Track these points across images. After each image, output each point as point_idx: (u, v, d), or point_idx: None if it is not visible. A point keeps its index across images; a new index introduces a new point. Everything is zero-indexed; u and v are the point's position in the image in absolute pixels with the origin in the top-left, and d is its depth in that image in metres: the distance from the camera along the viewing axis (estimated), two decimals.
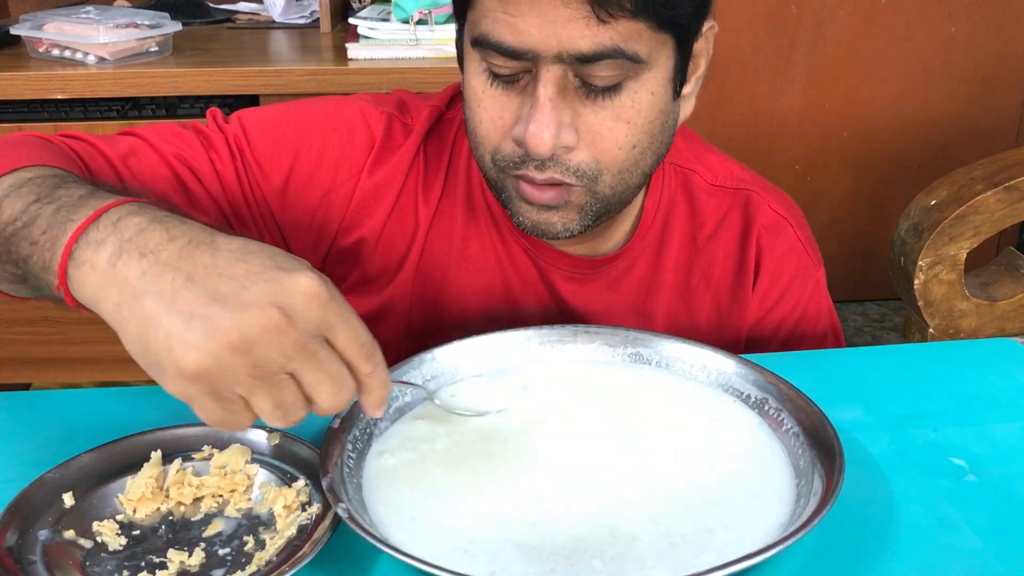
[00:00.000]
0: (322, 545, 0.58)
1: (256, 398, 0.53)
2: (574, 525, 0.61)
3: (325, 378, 0.54)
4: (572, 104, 0.73)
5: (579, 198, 0.77)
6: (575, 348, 0.80)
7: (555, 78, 0.72)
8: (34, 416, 0.77)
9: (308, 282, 0.53)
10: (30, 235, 0.59)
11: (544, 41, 0.70)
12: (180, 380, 0.52)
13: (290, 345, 0.52)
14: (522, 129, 0.73)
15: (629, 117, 0.74)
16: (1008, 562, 0.60)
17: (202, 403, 0.53)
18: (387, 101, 0.93)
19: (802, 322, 0.95)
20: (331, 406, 0.55)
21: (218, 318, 0.51)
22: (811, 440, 0.66)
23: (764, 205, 0.94)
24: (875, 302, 2.86)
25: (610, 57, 0.70)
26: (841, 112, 2.64)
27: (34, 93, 1.67)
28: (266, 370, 0.52)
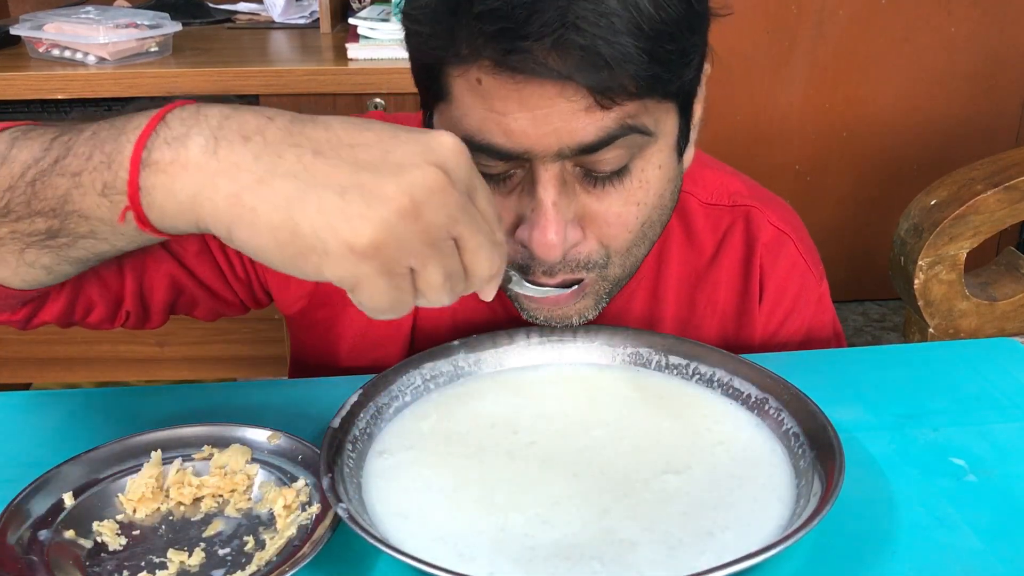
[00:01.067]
0: (322, 545, 0.58)
1: (428, 268, 0.49)
2: (574, 526, 0.61)
3: (485, 240, 0.51)
4: (575, 197, 0.67)
5: (592, 287, 0.72)
6: (575, 348, 0.80)
7: (555, 176, 0.65)
8: (34, 416, 0.77)
9: (451, 139, 0.50)
10: (66, 168, 0.51)
11: (541, 139, 0.62)
12: (350, 259, 0.47)
13: (454, 205, 0.49)
14: (526, 234, 0.67)
15: (638, 199, 0.68)
16: (1008, 562, 0.60)
17: (374, 283, 0.48)
18: None
19: (808, 340, 0.93)
20: (489, 272, 0.52)
21: (378, 184, 0.47)
22: (811, 440, 0.66)
23: (764, 221, 0.89)
24: (875, 302, 2.86)
25: (620, 137, 0.63)
26: (841, 112, 2.64)
27: (34, 93, 1.67)
28: (436, 235, 0.48)
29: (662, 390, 0.76)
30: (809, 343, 0.94)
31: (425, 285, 0.50)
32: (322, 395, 0.76)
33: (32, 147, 0.54)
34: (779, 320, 0.91)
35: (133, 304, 0.80)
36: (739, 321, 0.91)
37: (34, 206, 0.53)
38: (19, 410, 0.78)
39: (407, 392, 0.74)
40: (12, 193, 0.54)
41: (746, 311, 0.91)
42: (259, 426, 0.69)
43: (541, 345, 0.80)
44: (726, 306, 0.91)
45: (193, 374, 1.87)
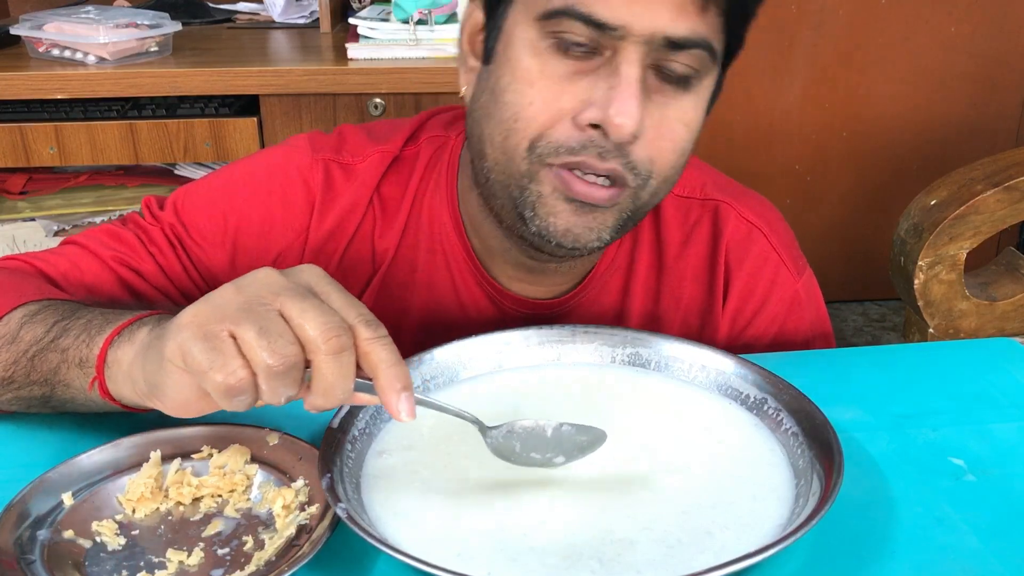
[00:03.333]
0: (321, 545, 0.58)
1: (242, 328, 0.52)
2: (573, 525, 0.61)
3: (311, 308, 0.53)
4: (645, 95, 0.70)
5: (624, 201, 0.73)
6: (574, 348, 0.80)
7: (641, 59, 0.68)
8: (34, 416, 0.77)
9: (308, 265, 0.57)
10: (59, 345, 0.66)
11: (640, 18, 0.66)
12: (174, 333, 0.54)
13: (278, 285, 0.54)
14: (598, 112, 0.68)
15: (688, 119, 0.72)
16: (1008, 562, 0.60)
17: (192, 347, 0.53)
18: (323, 145, 0.88)
19: (779, 339, 0.91)
20: (322, 335, 0.52)
21: (219, 291, 0.56)
22: (810, 440, 0.66)
23: (732, 215, 0.89)
24: (875, 302, 2.86)
25: (699, 47, 0.69)
26: (841, 112, 2.64)
27: (34, 93, 1.67)
28: (254, 302, 0.53)
29: (661, 390, 0.76)
30: (781, 341, 0.91)
31: (242, 342, 0.53)
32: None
33: (36, 329, 0.68)
34: (746, 319, 0.90)
35: None
36: (703, 318, 0.90)
37: (32, 377, 0.67)
38: None
39: None
40: (16, 367, 0.68)
41: (710, 308, 0.90)
42: (259, 426, 0.69)
43: (541, 345, 0.80)
44: (690, 302, 0.90)
45: None
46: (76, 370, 0.64)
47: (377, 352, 0.55)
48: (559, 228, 0.73)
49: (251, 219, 0.86)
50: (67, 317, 0.68)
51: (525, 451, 0.64)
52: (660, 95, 0.70)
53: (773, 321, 0.90)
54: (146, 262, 0.84)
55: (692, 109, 0.72)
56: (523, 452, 0.64)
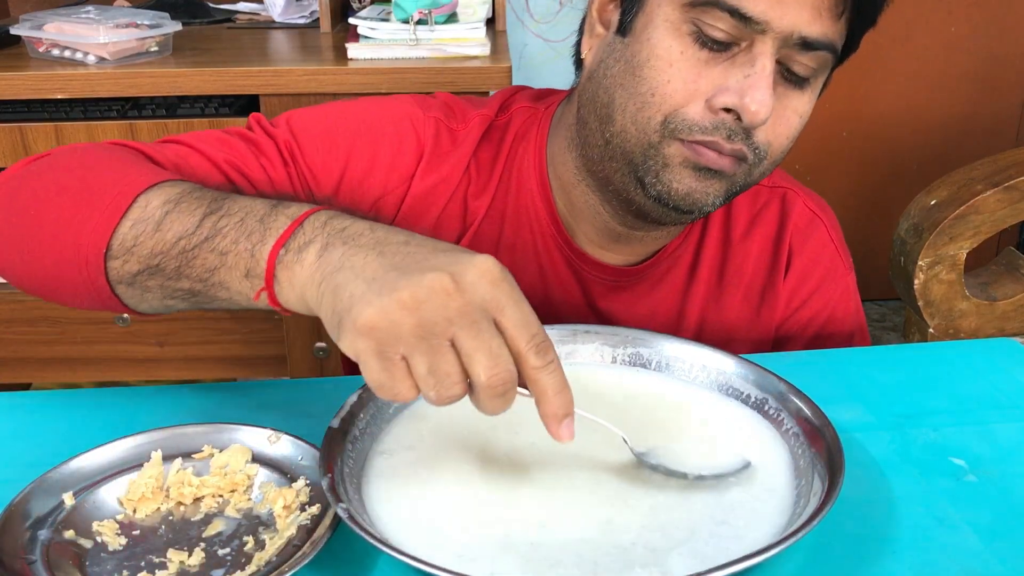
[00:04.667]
0: (322, 545, 0.58)
1: (415, 359, 0.54)
2: (573, 526, 0.61)
3: (482, 347, 0.54)
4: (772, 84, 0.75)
5: (740, 175, 0.79)
6: (575, 348, 0.80)
7: (775, 52, 0.74)
8: (34, 416, 0.77)
9: (484, 260, 0.55)
10: (216, 246, 0.63)
11: (782, 16, 0.72)
12: (353, 335, 0.54)
13: (454, 310, 0.53)
14: (734, 98, 0.74)
15: (803, 112, 0.79)
16: (1008, 562, 0.60)
17: (368, 361, 0.54)
18: (433, 105, 0.92)
19: (829, 322, 0.96)
20: (487, 380, 0.54)
21: (394, 280, 0.54)
22: (811, 440, 0.66)
23: (798, 203, 0.96)
24: (875, 302, 2.86)
25: (826, 50, 0.74)
26: (841, 112, 2.64)
27: (34, 93, 1.67)
28: (428, 331, 0.53)
29: (661, 390, 0.76)
30: (830, 327, 0.96)
31: (416, 373, 0.55)
32: (322, 395, 0.76)
33: (184, 221, 0.65)
34: (802, 298, 0.95)
35: None
36: (763, 295, 0.95)
37: (183, 271, 0.65)
38: (19, 410, 0.78)
39: None
40: (164, 257, 0.65)
41: (771, 285, 0.95)
42: (259, 426, 0.69)
43: None
44: (753, 279, 0.95)
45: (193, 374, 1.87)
46: (240, 278, 0.62)
47: (544, 381, 0.56)
48: (681, 191, 0.79)
49: (362, 156, 0.88)
50: (216, 211, 0.64)
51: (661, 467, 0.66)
52: (782, 87, 0.77)
53: (826, 304, 0.96)
54: (256, 171, 0.84)
55: (807, 103, 0.79)
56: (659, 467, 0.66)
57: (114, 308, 0.70)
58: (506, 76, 1.66)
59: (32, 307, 1.74)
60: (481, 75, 1.66)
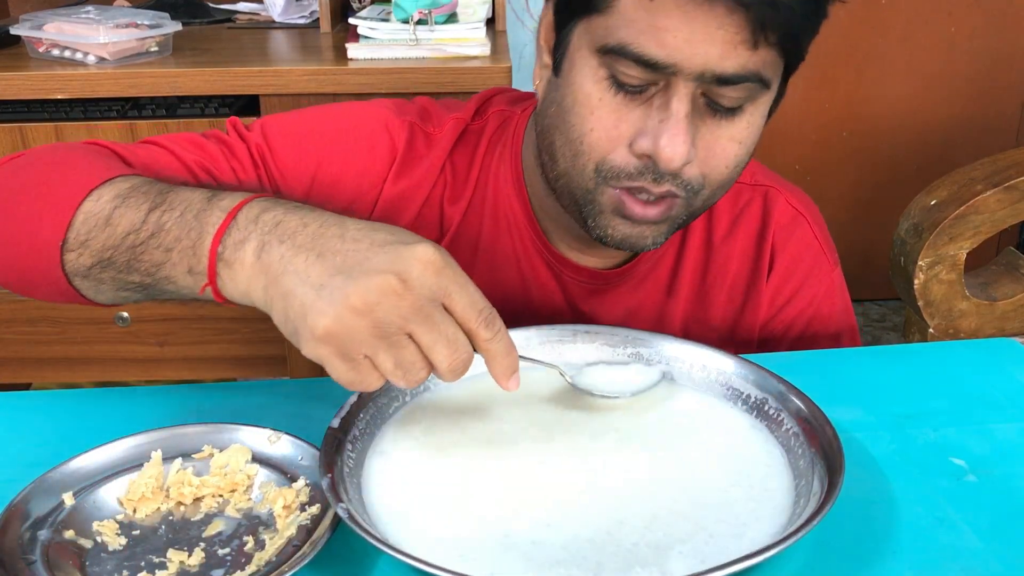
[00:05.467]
0: (322, 545, 0.58)
1: (379, 357, 0.58)
2: (574, 525, 0.61)
3: (440, 338, 0.58)
4: (695, 121, 0.74)
5: (676, 212, 0.78)
6: (575, 348, 0.80)
7: (690, 94, 0.72)
8: (34, 416, 0.77)
9: (424, 251, 0.58)
10: (161, 243, 0.65)
11: (691, 58, 0.69)
12: (313, 343, 0.57)
13: (407, 308, 0.57)
14: (649, 143, 0.73)
15: (742, 138, 0.76)
16: (1008, 562, 0.60)
17: (333, 364, 0.58)
18: (409, 110, 0.92)
19: (815, 321, 0.96)
20: (448, 367, 0.59)
21: (342, 286, 0.57)
22: (811, 440, 0.66)
23: (781, 200, 0.94)
24: (875, 302, 2.86)
25: (749, 81, 0.71)
26: (841, 112, 2.64)
27: (34, 93, 1.67)
28: (385, 331, 0.57)
29: (662, 390, 0.76)
30: (815, 326, 0.95)
31: (381, 370, 0.59)
32: (322, 395, 0.76)
33: (130, 215, 0.66)
34: (786, 297, 0.94)
35: None
36: (747, 294, 0.94)
37: (133, 266, 0.66)
38: (19, 410, 0.78)
39: (407, 392, 0.74)
40: (115, 252, 0.67)
41: (754, 285, 0.94)
42: (259, 426, 0.69)
43: (541, 345, 0.80)
44: (736, 279, 0.94)
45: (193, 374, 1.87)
46: (184, 274, 0.64)
47: (494, 349, 0.61)
48: (617, 237, 0.80)
49: (333, 160, 0.88)
50: (159, 205, 0.66)
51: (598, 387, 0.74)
52: (712, 118, 0.74)
53: (811, 303, 0.95)
54: (226, 173, 0.85)
55: (745, 128, 0.76)
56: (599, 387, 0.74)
57: (75, 299, 0.72)
58: (506, 76, 1.66)
59: (32, 307, 1.74)
60: (481, 75, 1.66)
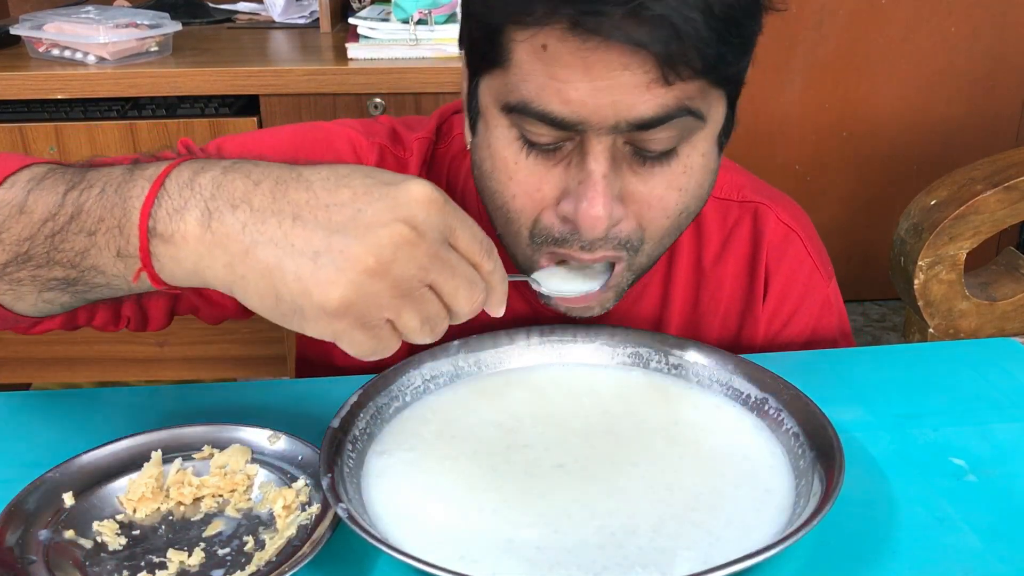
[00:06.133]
0: (322, 545, 0.58)
1: (403, 317, 0.52)
2: (574, 526, 0.61)
3: (462, 282, 0.53)
4: (622, 174, 0.67)
5: (616, 278, 0.72)
6: (575, 348, 0.80)
7: (607, 149, 0.65)
8: (34, 416, 0.77)
9: (421, 188, 0.52)
10: (82, 227, 0.55)
11: (599, 111, 0.63)
12: (325, 319, 0.51)
13: (423, 256, 0.51)
14: (571, 207, 0.67)
15: (681, 184, 0.69)
16: (1008, 562, 0.60)
17: (352, 337, 0.52)
18: (378, 131, 0.88)
19: (814, 336, 0.92)
20: (470, 309, 0.54)
21: (347, 247, 0.50)
22: (811, 440, 0.66)
23: (771, 217, 0.89)
24: (875, 302, 2.86)
25: (675, 118, 0.64)
26: (841, 112, 2.64)
27: (34, 93, 1.67)
28: (407, 287, 0.51)
29: (662, 391, 0.76)
30: (813, 345, 0.93)
31: (405, 330, 0.53)
32: (322, 395, 0.76)
33: (47, 199, 0.57)
34: (783, 320, 0.90)
35: (132, 311, 0.80)
36: (742, 320, 0.90)
37: (54, 257, 0.57)
38: (19, 410, 0.78)
39: (407, 392, 0.74)
40: (32, 243, 0.57)
41: (749, 310, 0.90)
42: (259, 426, 0.69)
43: (541, 345, 0.80)
44: (730, 304, 0.90)
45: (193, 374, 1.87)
46: (112, 260, 0.55)
47: (495, 279, 0.56)
48: (562, 308, 0.76)
49: None
50: (77, 184, 0.56)
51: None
52: (642, 167, 0.67)
53: (807, 325, 0.91)
54: None
55: (683, 173, 0.68)
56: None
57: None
58: None
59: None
60: None
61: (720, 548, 0.58)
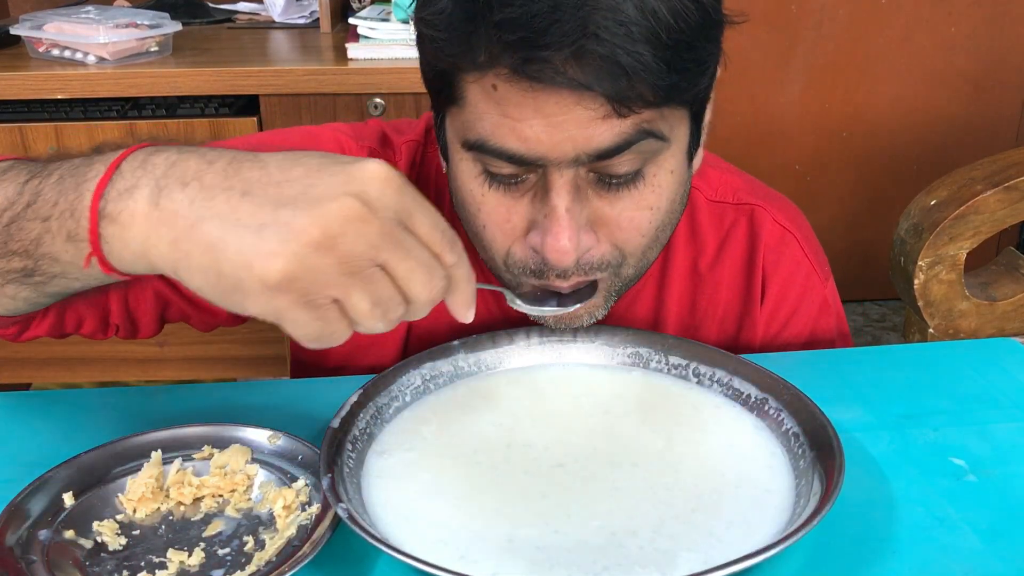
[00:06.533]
0: (322, 545, 0.58)
1: (352, 297, 0.49)
2: (575, 526, 0.61)
3: (416, 265, 0.50)
4: (589, 202, 0.67)
5: (605, 286, 0.72)
6: (575, 348, 0.80)
7: (569, 182, 0.64)
8: (34, 416, 0.77)
9: (377, 167, 0.50)
10: (37, 212, 0.54)
11: (556, 147, 0.62)
12: (266, 294, 0.48)
13: (374, 233, 0.49)
14: (539, 239, 0.67)
15: (651, 203, 0.68)
16: (1008, 562, 0.60)
17: (295, 316, 0.49)
18: (367, 135, 0.87)
19: (813, 337, 0.92)
20: (427, 297, 0.52)
21: (292, 219, 0.48)
22: (811, 440, 0.66)
23: (767, 219, 0.88)
24: (875, 302, 2.86)
25: (636, 143, 0.63)
26: (841, 112, 2.64)
27: (34, 93, 1.67)
28: (356, 264, 0.49)
29: (662, 391, 0.76)
30: (813, 342, 0.93)
31: (354, 313, 0.50)
32: (322, 395, 0.76)
33: (7, 190, 0.56)
34: (781, 322, 0.90)
35: (120, 319, 0.80)
36: (740, 323, 0.90)
37: (10, 246, 0.56)
38: (19, 410, 0.78)
39: (407, 392, 0.74)
40: None
41: (747, 313, 0.90)
42: (259, 426, 0.69)
43: (541, 345, 0.80)
44: (727, 307, 0.90)
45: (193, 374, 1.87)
46: (64, 244, 0.53)
47: (458, 274, 0.54)
48: (551, 322, 0.76)
49: None
50: (38, 174, 0.56)
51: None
52: (608, 192, 0.67)
53: (805, 327, 0.91)
54: None
55: (651, 193, 0.68)
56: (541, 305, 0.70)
57: None
58: None
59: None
60: None
61: (722, 549, 0.58)
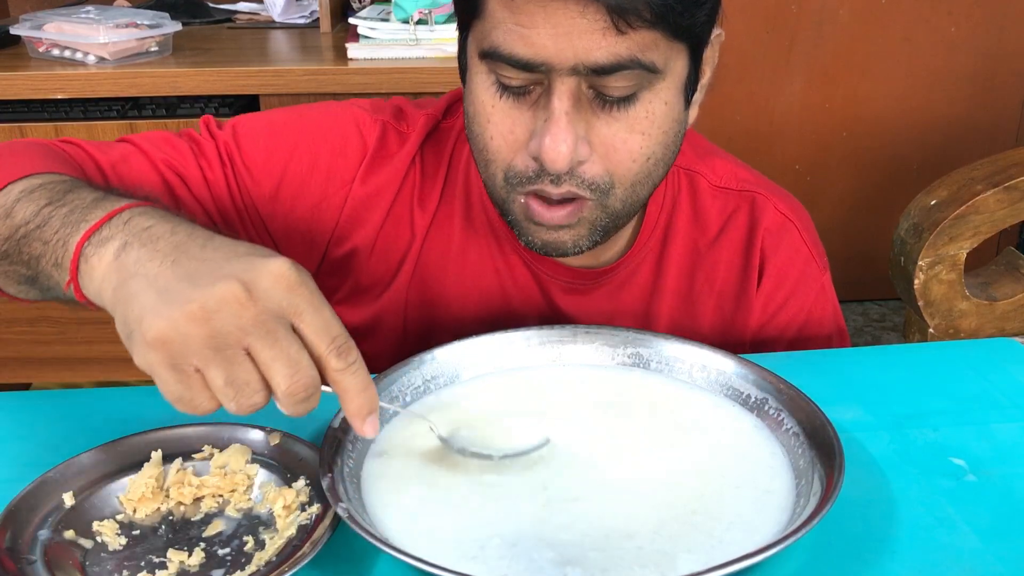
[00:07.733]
0: (322, 545, 0.58)
1: (210, 371, 0.54)
2: (574, 526, 0.61)
3: (280, 356, 0.54)
4: (586, 116, 0.72)
5: (590, 213, 0.76)
6: (575, 348, 0.80)
7: (570, 90, 0.70)
8: (34, 416, 0.77)
9: (279, 265, 0.55)
10: (42, 235, 0.63)
11: (559, 53, 0.69)
12: (143, 348, 0.54)
13: (248, 319, 0.53)
14: (537, 144, 0.72)
15: (644, 128, 0.73)
16: (1008, 562, 0.60)
17: (161, 374, 0.54)
18: (384, 108, 0.92)
19: (807, 327, 0.94)
20: (287, 389, 0.55)
21: (184, 291, 0.54)
22: (811, 440, 0.66)
23: (769, 206, 0.92)
24: (875, 302, 2.86)
25: (627, 68, 0.69)
26: (841, 112, 2.64)
27: (34, 93, 1.67)
28: (222, 341, 0.53)
29: (662, 390, 0.76)
30: (808, 331, 0.94)
31: (211, 384, 0.55)
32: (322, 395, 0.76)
33: (28, 208, 0.66)
34: (778, 303, 0.93)
35: None
36: (737, 300, 0.93)
37: (21, 257, 0.66)
38: (19, 410, 0.78)
39: (407, 392, 0.74)
40: (9, 244, 0.67)
41: (744, 292, 0.93)
42: (259, 426, 0.69)
43: (541, 345, 0.80)
44: (724, 285, 0.93)
45: None
46: (52, 268, 0.63)
47: (346, 382, 0.57)
48: (539, 242, 0.79)
49: (303, 156, 0.88)
50: (54, 201, 0.65)
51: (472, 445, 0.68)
52: (605, 113, 0.72)
53: (801, 309, 0.94)
54: (193, 171, 0.85)
55: (645, 118, 0.73)
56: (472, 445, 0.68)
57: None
58: None
59: (32, 307, 1.74)
60: None
61: (722, 550, 0.58)
